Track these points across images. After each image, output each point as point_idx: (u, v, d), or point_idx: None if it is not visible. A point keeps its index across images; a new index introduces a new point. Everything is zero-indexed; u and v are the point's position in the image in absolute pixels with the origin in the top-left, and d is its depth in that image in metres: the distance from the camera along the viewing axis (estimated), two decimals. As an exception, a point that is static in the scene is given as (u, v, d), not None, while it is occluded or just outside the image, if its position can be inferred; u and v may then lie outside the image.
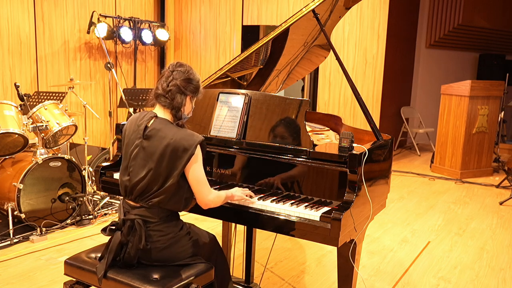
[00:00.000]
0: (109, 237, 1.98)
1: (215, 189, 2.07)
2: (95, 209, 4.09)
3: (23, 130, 3.57)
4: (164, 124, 1.92)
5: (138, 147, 1.93)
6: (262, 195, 2.08)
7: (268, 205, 1.98)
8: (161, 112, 1.97)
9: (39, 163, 3.61)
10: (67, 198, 3.82)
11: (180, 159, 1.85)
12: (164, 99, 1.93)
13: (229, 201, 2.03)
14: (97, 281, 1.92)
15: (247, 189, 2.11)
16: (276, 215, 1.93)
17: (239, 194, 2.01)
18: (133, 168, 1.93)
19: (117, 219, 2.03)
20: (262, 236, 3.70)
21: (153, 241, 1.91)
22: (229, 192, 2.01)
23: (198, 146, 1.87)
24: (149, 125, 1.93)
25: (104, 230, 2.00)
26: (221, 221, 3.17)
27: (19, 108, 3.69)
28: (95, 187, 4.30)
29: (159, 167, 1.87)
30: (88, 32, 5.49)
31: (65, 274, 2.06)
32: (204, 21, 6.93)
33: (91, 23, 5.43)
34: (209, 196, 1.93)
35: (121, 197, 2.07)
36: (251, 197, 2.05)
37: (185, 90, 1.93)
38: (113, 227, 1.98)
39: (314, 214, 1.87)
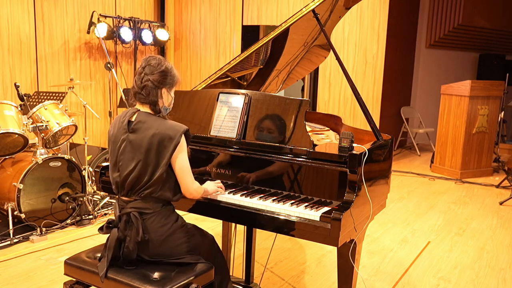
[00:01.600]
0: (107, 235, 1.99)
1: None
2: (95, 209, 4.09)
3: (23, 130, 3.57)
4: (148, 116, 1.96)
5: (124, 142, 1.95)
6: (262, 195, 2.08)
7: (268, 205, 1.99)
8: (141, 108, 2.01)
9: (39, 163, 3.61)
10: (67, 198, 3.82)
11: (166, 148, 1.90)
12: (140, 95, 1.98)
13: (204, 196, 2.08)
14: (97, 281, 1.92)
15: (219, 181, 2.17)
16: (276, 215, 1.93)
17: (212, 188, 2.08)
18: (122, 162, 1.95)
19: (113, 218, 2.04)
20: (262, 236, 3.70)
21: (150, 233, 1.93)
22: (204, 186, 2.07)
23: (183, 135, 1.92)
24: (132, 119, 1.97)
25: (101, 229, 2.02)
26: (221, 221, 3.17)
27: (19, 108, 3.69)
28: (95, 187, 4.30)
29: (147, 157, 1.91)
30: (88, 32, 5.50)
31: (65, 274, 2.06)
32: (204, 21, 6.93)
33: (91, 23, 5.43)
34: (193, 185, 1.99)
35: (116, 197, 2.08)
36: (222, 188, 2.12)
37: (158, 84, 1.97)
38: (110, 225, 1.99)
39: (314, 214, 1.87)
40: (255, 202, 2.02)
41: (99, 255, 2.04)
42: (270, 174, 2.14)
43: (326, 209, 1.92)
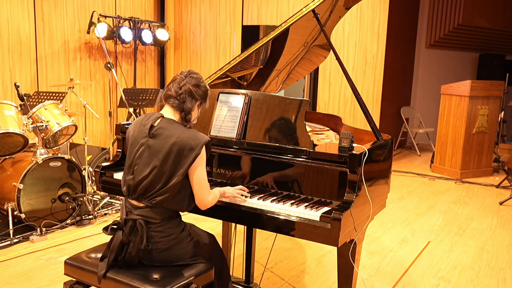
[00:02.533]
0: (111, 236, 1.98)
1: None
2: (95, 209, 4.10)
3: (23, 130, 3.56)
4: (171, 123, 1.95)
5: (143, 146, 1.94)
6: (262, 195, 2.08)
7: (268, 205, 1.99)
8: (169, 113, 1.99)
9: (39, 163, 3.61)
10: (67, 198, 3.82)
11: (185, 158, 1.87)
12: (175, 100, 1.96)
13: (221, 199, 2.05)
14: (97, 281, 1.92)
15: (241, 186, 2.13)
16: (276, 215, 1.93)
17: (230, 192, 2.05)
18: (138, 167, 1.93)
19: (118, 219, 2.03)
20: (262, 236, 3.71)
21: (154, 242, 1.91)
22: (222, 189, 2.04)
23: (204, 147, 1.89)
24: (155, 124, 1.95)
25: (105, 229, 2.00)
26: (221, 221, 3.17)
27: (19, 108, 3.69)
28: (95, 187, 4.30)
29: (164, 165, 1.88)
30: (88, 32, 5.50)
31: (65, 274, 2.06)
32: (204, 21, 6.93)
33: (91, 23, 5.43)
34: (209, 198, 1.96)
35: (123, 198, 2.07)
36: (244, 195, 2.07)
37: (196, 95, 1.98)
38: (115, 227, 1.98)
39: (314, 214, 1.87)
40: (255, 202, 2.02)
41: (99, 255, 2.04)
42: (270, 174, 2.14)
43: (326, 209, 1.92)
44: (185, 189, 1.93)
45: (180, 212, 2.06)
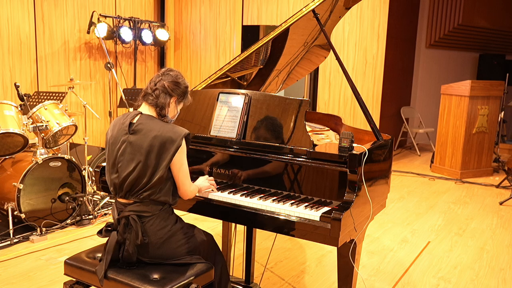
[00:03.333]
0: (107, 238, 1.99)
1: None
2: (95, 209, 4.09)
3: (23, 130, 3.56)
4: (150, 119, 1.99)
5: (125, 143, 1.96)
6: (262, 195, 2.08)
7: (268, 205, 1.99)
8: (146, 109, 2.03)
9: (39, 163, 3.61)
10: (67, 198, 3.82)
11: (167, 151, 1.91)
12: (150, 97, 2.01)
13: (197, 194, 2.12)
14: (97, 281, 1.92)
15: (212, 178, 2.20)
16: (276, 215, 1.93)
17: (205, 185, 2.13)
18: (122, 164, 1.95)
19: (112, 221, 2.04)
20: (262, 236, 3.71)
21: (149, 235, 1.93)
22: (197, 183, 2.11)
23: (184, 139, 1.95)
24: (134, 121, 1.98)
25: (100, 233, 2.02)
26: (221, 221, 3.17)
27: (19, 108, 3.69)
28: (95, 187, 4.30)
29: (148, 159, 1.92)
30: (88, 32, 5.49)
31: (65, 274, 2.06)
32: (204, 21, 6.93)
33: (91, 23, 5.43)
34: (191, 187, 2.03)
35: (114, 199, 2.08)
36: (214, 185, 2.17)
37: (171, 92, 2.02)
38: (109, 228, 2.00)
39: (314, 214, 1.87)
40: (255, 202, 2.02)
41: (99, 255, 2.05)
42: (270, 174, 2.14)
43: (326, 209, 1.92)
44: (170, 181, 1.97)
45: (175, 210, 2.07)
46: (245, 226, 2.62)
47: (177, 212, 2.13)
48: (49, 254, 3.33)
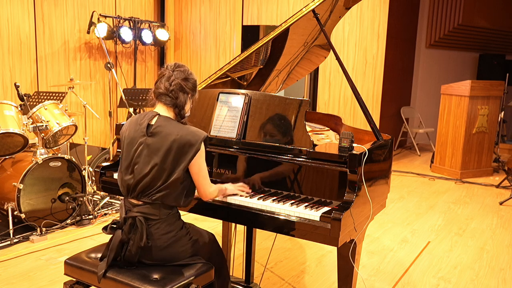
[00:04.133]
0: (110, 236, 1.98)
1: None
2: (95, 209, 4.10)
3: (23, 130, 3.56)
4: (168, 121, 1.96)
5: (142, 145, 1.94)
6: (262, 195, 2.08)
7: (268, 205, 1.98)
8: (163, 110, 1.99)
9: (39, 163, 3.61)
10: (67, 198, 3.82)
11: (186, 154, 1.89)
12: (167, 97, 1.97)
13: (223, 195, 2.09)
14: (97, 281, 1.92)
15: (242, 183, 2.16)
16: (276, 215, 1.93)
17: (231, 188, 2.10)
18: (138, 166, 1.94)
19: (118, 218, 2.03)
20: (262, 236, 3.71)
21: (154, 239, 1.92)
22: (223, 185, 2.08)
23: (202, 142, 1.93)
24: (152, 123, 1.95)
25: (105, 229, 2.00)
26: (221, 221, 3.17)
27: (19, 108, 3.69)
28: (95, 187, 4.30)
29: (164, 162, 1.89)
30: (88, 32, 5.49)
31: (65, 274, 2.06)
32: (204, 21, 6.93)
33: (91, 23, 5.43)
34: (211, 188, 2.01)
35: (122, 197, 2.07)
36: (247, 192, 2.12)
37: (186, 89, 1.98)
38: (114, 226, 1.98)
39: (314, 214, 1.87)
40: (255, 202, 2.02)
41: (99, 255, 2.04)
42: (270, 174, 2.14)
43: (326, 209, 1.92)
44: (184, 184, 1.95)
45: (180, 211, 2.06)
46: (245, 226, 2.62)
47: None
48: (49, 254, 3.33)
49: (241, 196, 2.08)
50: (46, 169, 3.70)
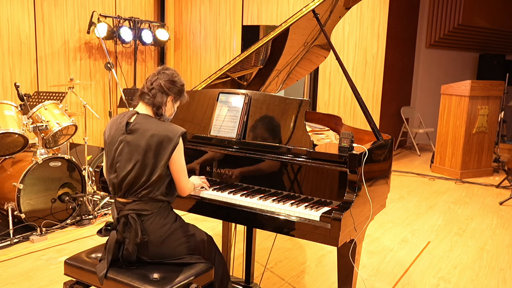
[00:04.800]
0: (106, 238, 1.99)
1: (214, 189, 2.16)
2: (95, 209, 4.10)
3: (23, 130, 3.56)
4: (147, 118, 2.00)
5: (122, 143, 1.96)
6: (262, 195, 2.08)
7: (268, 205, 1.98)
8: (143, 109, 2.04)
9: (39, 163, 3.61)
10: (67, 198, 3.82)
11: (165, 149, 1.92)
12: (146, 96, 2.02)
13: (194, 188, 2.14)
14: (97, 281, 1.92)
15: (203, 176, 2.22)
16: (276, 215, 1.93)
17: (197, 182, 2.15)
18: (120, 163, 1.96)
19: (112, 220, 2.04)
20: (262, 236, 3.71)
21: (149, 234, 1.93)
22: (190, 179, 2.11)
23: (181, 137, 1.95)
24: (131, 121, 1.99)
25: (99, 232, 2.03)
26: (221, 221, 3.17)
27: (19, 108, 3.69)
28: (95, 187, 4.30)
29: (146, 158, 1.92)
30: (88, 32, 5.50)
31: (65, 274, 2.06)
32: (204, 21, 6.93)
33: (91, 23, 5.44)
34: (188, 184, 2.05)
35: (113, 199, 2.08)
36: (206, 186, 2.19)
37: (167, 90, 2.02)
38: (108, 228, 2.00)
39: (314, 214, 1.87)
40: (255, 202, 2.02)
41: (99, 255, 2.05)
42: (270, 174, 2.14)
43: (326, 209, 1.92)
44: (167, 178, 1.98)
45: (176, 211, 2.07)
46: (245, 226, 2.62)
47: (177, 212, 2.13)
48: (49, 254, 3.33)
49: (203, 189, 2.15)
50: (46, 169, 3.70)
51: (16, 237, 3.52)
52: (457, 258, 3.54)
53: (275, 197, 2.06)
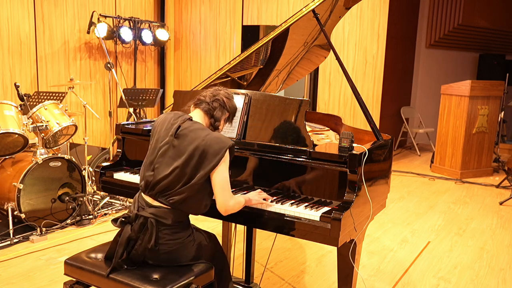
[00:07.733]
0: (112, 235, 1.98)
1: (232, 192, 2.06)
2: (95, 209, 4.10)
3: (23, 130, 3.56)
4: (198, 126, 1.96)
5: (167, 145, 1.94)
6: (262, 195, 2.08)
7: (268, 205, 1.98)
8: (197, 116, 2.02)
9: (39, 163, 3.61)
10: (67, 198, 3.82)
11: (208, 161, 1.87)
12: (206, 105, 2.01)
13: (247, 205, 2.01)
14: (97, 281, 1.92)
15: (263, 192, 2.08)
16: (276, 215, 1.93)
17: (256, 198, 2.01)
18: (159, 165, 1.93)
19: (129, 214, 2.00)
20: (262, 236, 3.71)
21: (161, 243, 1.91)
22: (247, 196, 2.00)
23: (228, 150, 1.89)
24: (182, 125, 1.95)
25: (114, 221, 1.97)
26: (221, 221, 3.17)
27: (19, 108, 3.69)
28: (95, 187, 4.30)
29: (186, 166, 1.88)
30: (88, 32, 5.50)
31: (65, 274, 2.06)
32: (204, 21, 6.93)
33: (91, 23, 5.44)
34: (230, 202, 1.91)
35: (137, 192, 2.06)
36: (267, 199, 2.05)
37: (227, 106, 2.03)
38: (124, 220, 1.95)
39: (314, 214, 1.87)
40: (273, 205, 2.01)
41: (99, 255, 2.04)
42: (270, 174, 2.14)
43: (326, 209, 1.92)
44: (203, 192, 1.92)
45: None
46: (245, 226, 2.62)
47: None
48: (49, 254, 3.33)
49: (265, 205, 2.01)
50: (46, 169, 3.70)
51: (16, 237, 3.52)
52: (457, 258, 3.54)
53: (275, 197, 2.06)
